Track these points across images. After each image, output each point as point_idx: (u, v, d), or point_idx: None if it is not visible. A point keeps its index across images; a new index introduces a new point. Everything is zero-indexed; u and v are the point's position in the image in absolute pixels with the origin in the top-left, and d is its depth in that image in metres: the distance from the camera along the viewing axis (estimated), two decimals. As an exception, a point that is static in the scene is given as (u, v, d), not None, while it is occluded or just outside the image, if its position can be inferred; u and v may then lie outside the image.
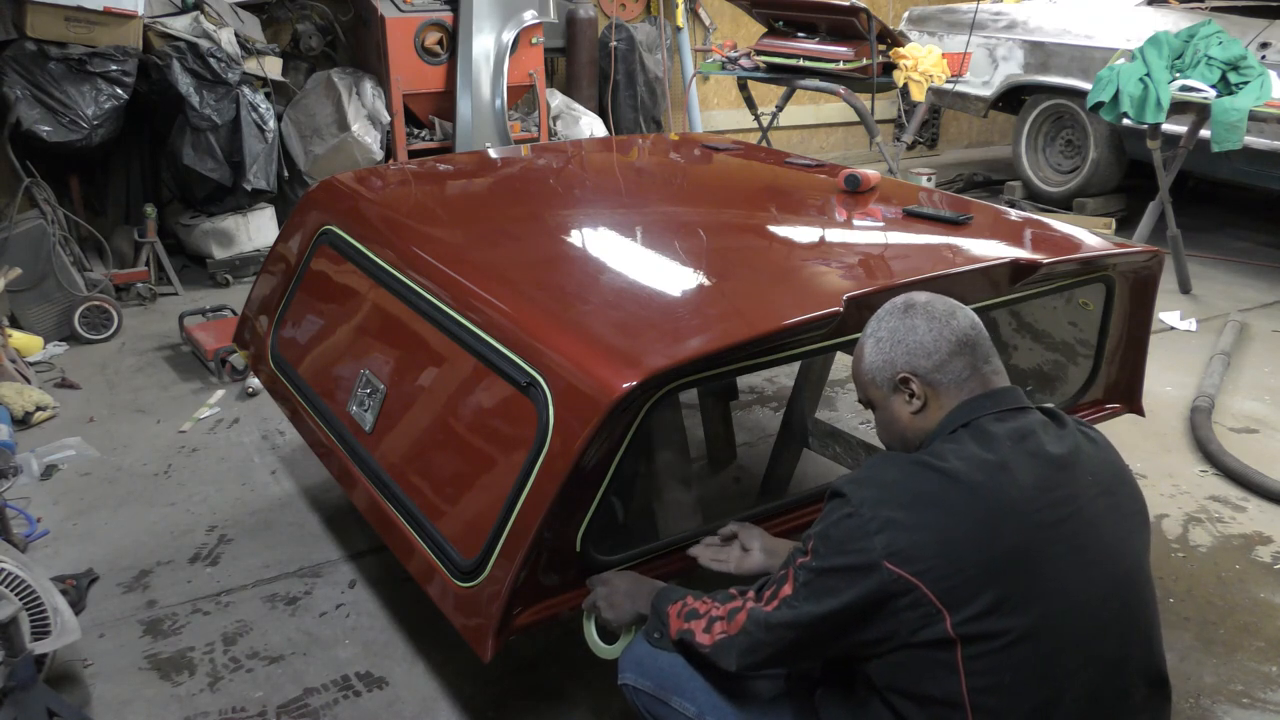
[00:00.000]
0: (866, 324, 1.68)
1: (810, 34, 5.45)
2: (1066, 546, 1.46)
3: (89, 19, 4.62)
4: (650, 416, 1.80)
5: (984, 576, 1.40)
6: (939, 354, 1.57)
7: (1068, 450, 1.54)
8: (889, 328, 1.62)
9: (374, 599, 2.70)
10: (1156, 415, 3.65)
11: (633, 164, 3.46)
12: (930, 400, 1.58)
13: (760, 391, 3.89)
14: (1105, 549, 1.51)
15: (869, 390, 1.66)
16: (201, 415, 3.78)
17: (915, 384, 1.59)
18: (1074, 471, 1.53)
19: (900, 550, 1.40)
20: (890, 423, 1.64)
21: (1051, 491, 1.48)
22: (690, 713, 1.67)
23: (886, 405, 1.63)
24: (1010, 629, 1.40)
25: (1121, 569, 1.53)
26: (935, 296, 1.64)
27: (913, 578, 1.39)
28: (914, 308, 1.62)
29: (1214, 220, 6.26)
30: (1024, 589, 1.42)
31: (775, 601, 1.51)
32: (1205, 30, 4.74)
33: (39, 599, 2.19)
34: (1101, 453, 1.61)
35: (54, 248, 4.50)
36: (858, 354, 1.67)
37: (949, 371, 1.57)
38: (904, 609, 1.41)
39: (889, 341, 1.61)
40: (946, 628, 1.40)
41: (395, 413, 2.27)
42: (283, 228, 3.07)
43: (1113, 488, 1.58)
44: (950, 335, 1.58)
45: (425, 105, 5.85)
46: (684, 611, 1.66)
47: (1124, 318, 2.56)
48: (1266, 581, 2.77)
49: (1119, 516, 1.56)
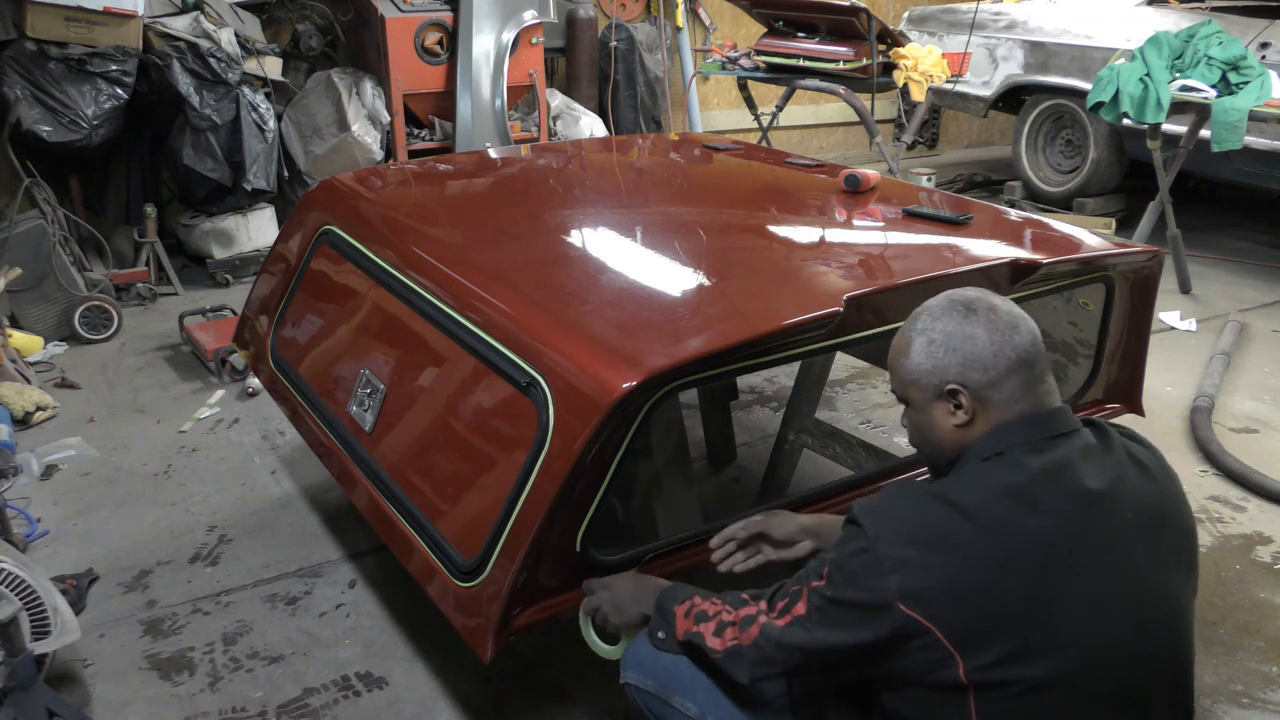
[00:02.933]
0: (917, 315, 1.56)
1: (810, 34, 5.45)
2: (1090, 593, 1.39)
3: (89, 19, 4.62)
4: (650, 416, 1.80)
5: (998, 624, 1.35)
6: (996, 370, 1.47)
7: (1107, 484, 1.44)
8: (945, 331, 1.50)
9: (374, 599, 2.70)
10: (1156, 415, 3.65)
11: (633, 164, 3.45)
12: (977, 415, 1.49)
13: (760, 391, 3.89)
14: (1135, 593, 1.43)
15: (909, 390, 1.55)
16: (201, 415, 3.78)
17: (964, 397, 1.48)
18: (1110, 509, 1.43)
19: (914, 592, 1.35)
20: (926, 428, 1.55)
21: (1079, 535, 1.40)
22: (692, 713, 1.64)
23: (926, 410, 1.54)
24: (1025, 678, 1.35)
25: (1153, 614, 1.45)
26: (998, 300, 1.52)
27: (926, 621, 1.34)
28: (975, 313, 1.49)
29: (1214, 220, 6.26)
30: (1041, 638, 1.36)
31: (788, 617, 1.47)
32: (1205, 30, 4.74)
33: (39, 599, 2.19)
34: (1150, 482, 1.51)
35: (54, 248, 4.50)
36: (902, 347, 1.55)
37: (1002, 389, 1.47)
38: (917, 650, 1.36)
39: (944, 346, 1.49)
40: (959, 674, 1.35)
41: (395, 413, 2.27)
42: (283, 228, 3.07)
43: (1154, 524, 1.48)
44: (1011, 351, 1.47)
45: (425, 105, 5.85)
46: (692, 612, 1.64)
47: (1124, 318, 2.56)
48: (1266, 581, 2.77)
49: (1157, 556, 1.47)
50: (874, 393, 3.91)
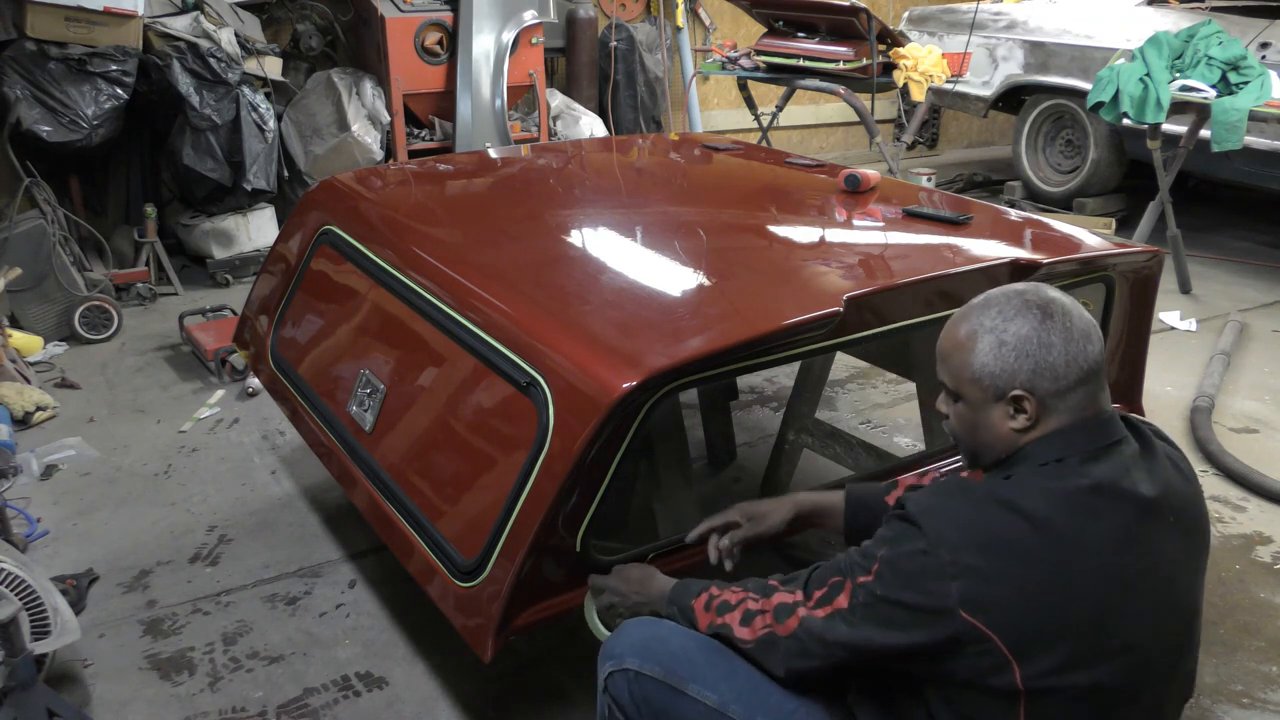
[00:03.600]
0: (984, 309, 1.49)
1: (810, 34, 5.45)
2: (1143, 600, 1.40)
3: (89, 19, 4.62)
4: (650, 416, 1.80)
5: (1059, 632, 1.35)
6: (1066, 380, 1.42)
7: (1158, 491, 1.44)
8: (1020, 335, 1.43)
9: (374, 599, 2.70)
10: (1156, 415, 3.64)
11: (633, 164, 3.45)
12: (1038, 421, 1.44)
13: (760, 391, 3.89)
14: (1177, 597, 1.45)
15: (967, 388, 1.48)
16: (201, 415, 3.78)
17: (1029, 404, 1.43)
18: (1161, 516, 1.44)
19: (976, 599, 1.33)
20: (977, 426, 1.49)
21: (1136, 542, 1.40)
22: (712, 701, 1.53)
23: (982, 409, 1.47)
24: (1077, 684, 1.36)
25: (1187, 613, 1.49)
26: (1070, 304, 1.47)
27: (986, 628, 1.33)
28: (1052, 318, 1.43)
29: (1214, 220, 6.26)
30: (1098, 646, 1.36)
31: (828, 608, 1.44)
32: (1205, 30, 4.74)
33: (39, 599, 2.19)
34: (1187, 485, 1.52)
35: (54, 248, 4.49)
36: (964, 342, 1.48)
37: (1069, 399, 1.43)
38: (973, 655, 1.34)
39: (1016, 351, 1.43)
40: (1015, 680, 1.34)
41: (395, 413, 2.27)
42: (283, 228, 3.07)
43: (1190, 527, 1.49)
44: (1083, 363, 1.43)
45: (425, 105, 5.85)
46: (713, 604, 1.60)
47: (1124, 318, 2.56)
48: (1266, 581, 2.77)
49: (1190, 559, 1.50)
50: (874, 393, 3.91)
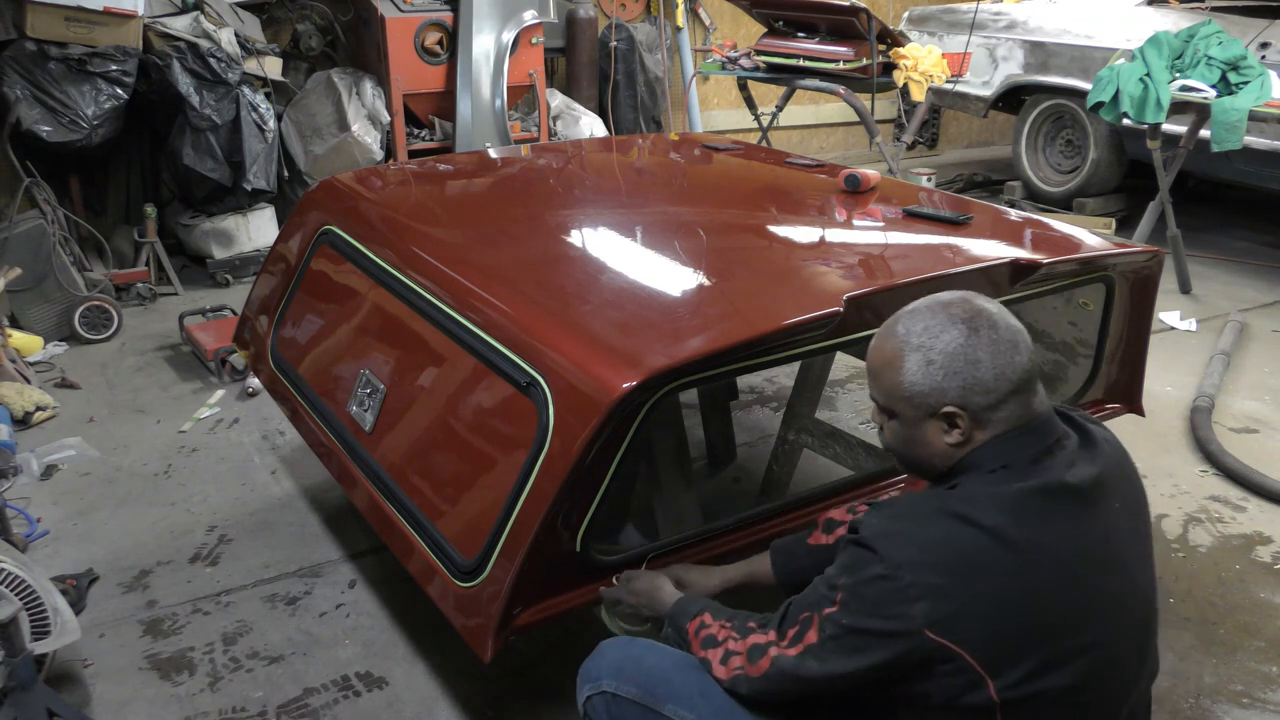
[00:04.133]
0: (909, 324, 1.47)
1: (810, 34, 5.45)
2: (1105, 592, 1.40)
3: (89, 19, 4.62)
4: (650, 416, 1.80)
5: (1029, 640, 1.34)
6: (997, 393, 1.41)
7: (1102, 482, 1.44)
8: (947, 352, 1.42)
9: (374, 599, 2.70)
10: (1156, 415, 3.65)
11: (633, 164, 3.45)
12: (973, 435, 1.44)
13: (760, 391, 3.89)
14: (1135, 582, 1.47)
15: (898, 405, 1.47)
16: (201, 415, 3.78)
17: (962, 420, 1.43)
18: (1106, 503, 1.44)
19: (942, 619, 1.31)
20: (913, 443, 1.49)
21: (1087, 536, 1.40)
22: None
23: (915, 426, 1.46)
24: (1051, 689, 1.35)
25: (1141, 595, 1.49)
26: (995, 311, 1.45)
27: (955, 646, 1.31)
28: (978, 331, 1.41)
29: (1214, 220, 6.26)
30: (1069, 646, 1.36)
31: (799, 646, 1.42)
32: (1205, 30, 4.74)
33: (39, 599, 2.19)
34: (1120, 464, 1.52)
35: (54, 248, 4.50)
36: (892, 359, 1.46)
37: (1002, 410, 1.42)
38: (946, 675, 1.33)
39: (944, 369, 1.42)
40: (990, 693, 1.33)
41: (395, 413, 2.27)
42: (283, 228, 3.07)
43: (1134, 509, 1.50)
44: (1013, 374, 1.41)
45: (425, 105, 5.85)
46: (701, 634, 1.60)
47: (1124, 318, 2.56)
48: (1266, 581, 2.77)
49: (1137, 539, 1.50)
50: (874, 393, 3.90)
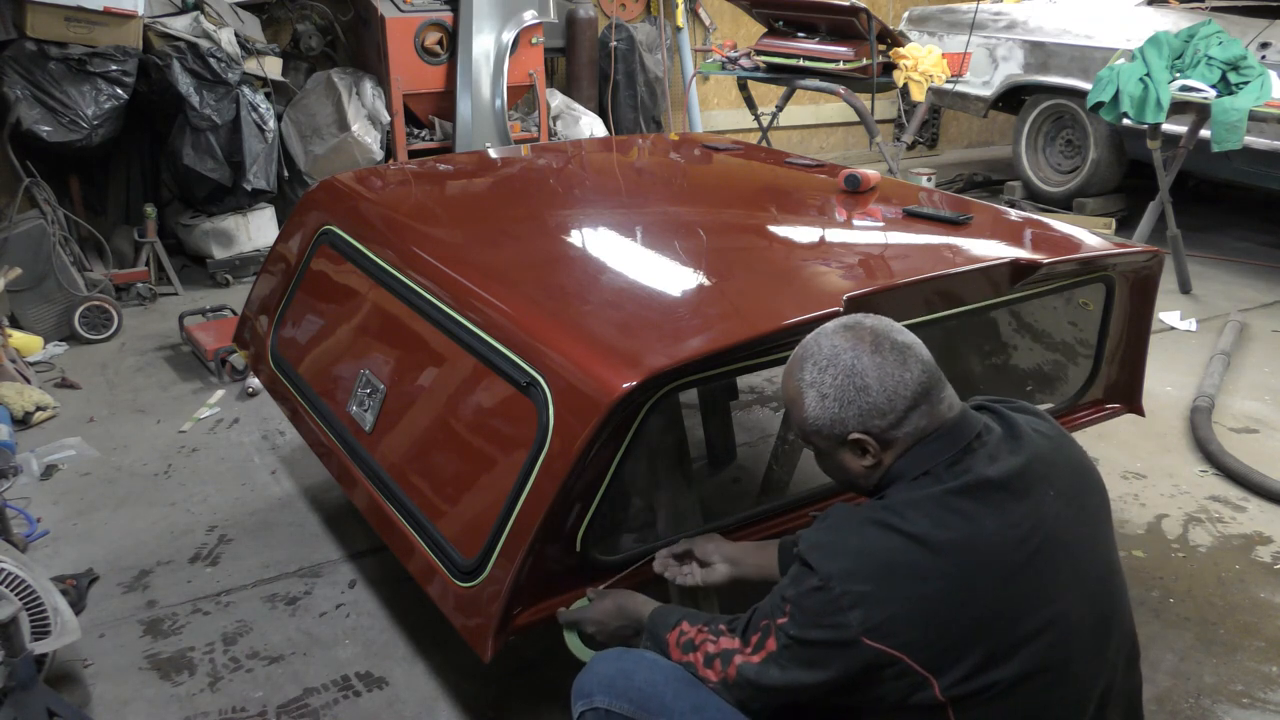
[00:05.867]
0: (801, 361, 1.51)
1: (810, 34, 5.45)
2: (1042, 582, 1.41)
3: (89, 19, 4.62)
4: (650, 416, 1.80)
5: (967, 638, 1.37)
6: (896, 412, 1.45)
7: (1029, 472, 1.46)
8: (836, 385, 1.46)
9: (374, 599, 2.70)
10: (1156, 415, 3.65)
11: (633, 164, 3.45)
12: (885, 453, 1.48)
13: (760, 391, 3.89)
14: (1077, 565, 1.47)
15: (812, 438, 1.53)
16: (201, 415, 3.78)
17: (869, 444, 1.47)
18: (1036, 492, 1.46)
19: (877, 626, 1.35)
20: (836, 469, 1.56)
21: (1018, 527, 1.42)
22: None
23: (833, 454, 1.53)
24: (1000, 680, 1.38)
25: (1094, 575, 1.49)
26: (881, 330, 1.48)
27: (894, 650, 1.35)
28: (861, 359, 1.45)
29: (1214, 220, 6.26)
30: (1008, 640, 1.38)
31: (761, 654, 1.46)
32: (1205, 30, 4.75)
33: (39, 599, 2.19)
34: (1056, 450, 1.53)
35: (54, 248, 4.50)
36: (794, 397, 1.51)
37: (906, 424, 1.46)
38: (891, 679, 1.37)
39: (837, 402, 1.46)
40: (935, 693, 1.36)
41: (395, 413, 2.27)
42: (283, 228, 3.07)
43: (1073, 491, 1.51)
44: (905, 391, 1.45)
45: (425, 105, 5.85)
46: (681, 640, 1.61)
47: (1124, 318, 2.56)
48: (1266, 581, 2.77)
49: (1084, 520, 1.51)
50: (874, 393, 3.90)
